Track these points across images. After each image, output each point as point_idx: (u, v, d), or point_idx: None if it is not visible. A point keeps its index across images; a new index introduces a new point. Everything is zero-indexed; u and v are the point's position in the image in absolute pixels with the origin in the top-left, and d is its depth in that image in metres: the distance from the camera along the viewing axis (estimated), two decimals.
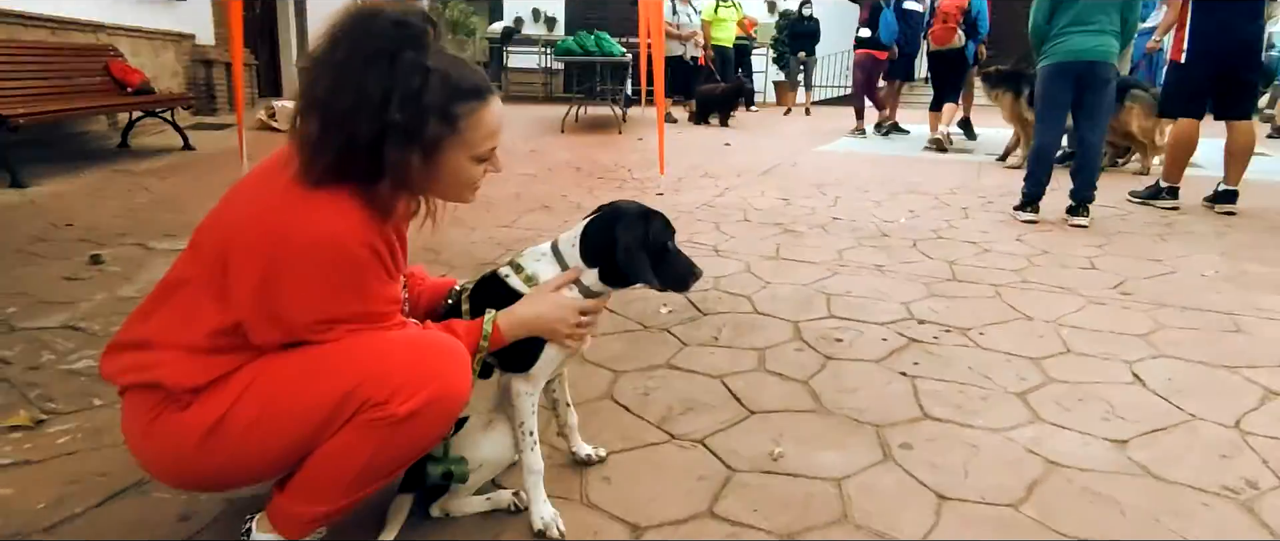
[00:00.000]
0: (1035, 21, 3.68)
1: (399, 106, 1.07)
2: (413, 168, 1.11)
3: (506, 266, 1.33)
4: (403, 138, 1.09)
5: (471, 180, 1.23)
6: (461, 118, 1.13)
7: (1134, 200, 4.27)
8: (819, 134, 8.30)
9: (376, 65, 1.07)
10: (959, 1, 6.36)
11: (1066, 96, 3.62)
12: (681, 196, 4.43)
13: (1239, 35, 3.78)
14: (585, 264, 1.29)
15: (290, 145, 1.15)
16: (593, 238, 1.29)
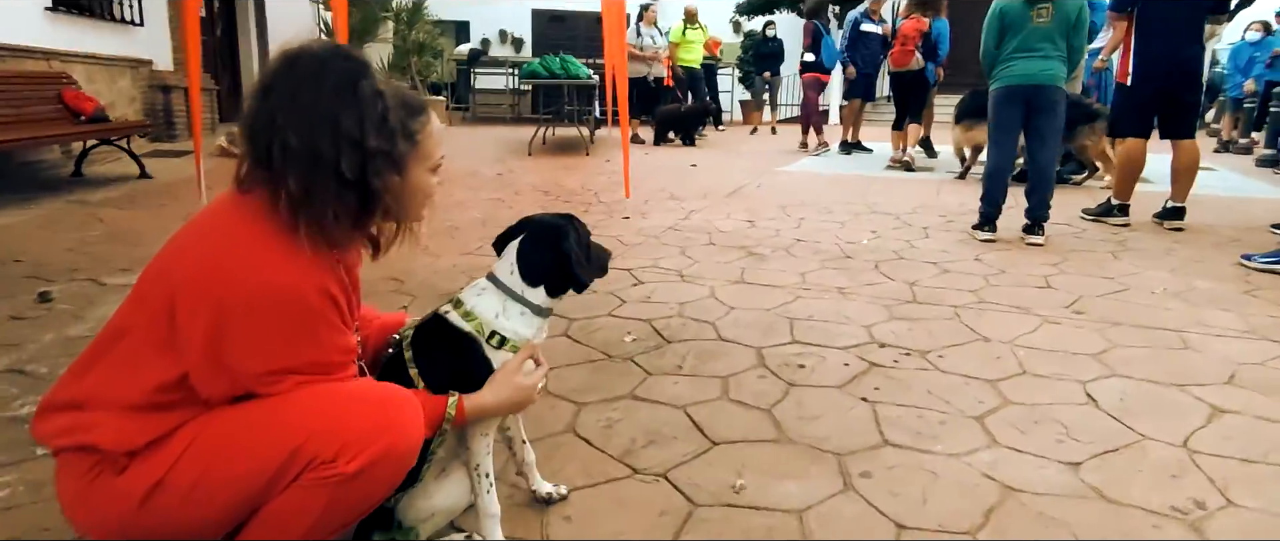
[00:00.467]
0: (985, 47, 3.79)
1: (375, 134, 1.08)
2: (395, 190, 1.13)
3: (447, 304, 1.33)
4: (384, 163, 1.10)
5: (430, 193, 1.26)
6: (418, 131, 1.17)
7: (1087, 217, 4.39)
8: (784, 153, 8.41)
9: (344, 99, 1.08)
10: (918, 25, 6.51)
11: (1016, 119, 3.72)
12: (648, 219, 4.45)
13: (1180, 59, 3.92)
14: (529, 285, 1.30)
15: (237, 195, 1.14)
16: (532, 259, 1.31)
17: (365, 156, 1.09)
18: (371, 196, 1.12)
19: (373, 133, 1.09)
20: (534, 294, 1.31)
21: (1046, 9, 3.58)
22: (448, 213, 4.66)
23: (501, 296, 1.30)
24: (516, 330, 1.30)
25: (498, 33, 18.29)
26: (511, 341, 1.30)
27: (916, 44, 6.49)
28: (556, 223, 1.33)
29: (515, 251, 1.32)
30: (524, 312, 1.31)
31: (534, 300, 1.31)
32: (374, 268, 3.56)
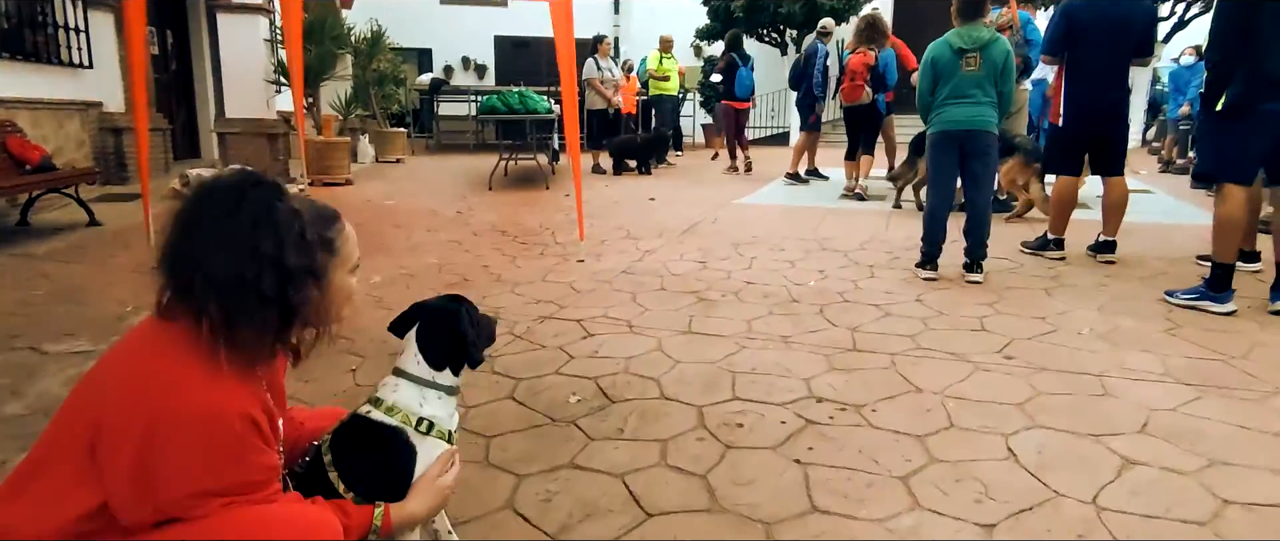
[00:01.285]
0: (920, 92, 3.94)
1: (294, 253, 1.14)
2: (315, 301, 1.19)
3: (367, 404, 1.38)
4: (304, 278, 1.16)
5: (351, 293, 1.33)
6: (335, 238, 1.27)
7: (1026, 250, 4.55)
8: (742, 181, 8.55)
9: (262, 225, 1.14)
10: (865, 58, 6.66)
11: (952, 163, 3.86)
12: (602, 262, 4.51)
13: (1106, 102, 4.11)
14: (435, 370, 1.40)
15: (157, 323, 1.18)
16: (433, 345, 1.41)
17: (286, 275, 1.14)
18: (292, 311, 1.17)
19: (292, 251, 1.15)
20: (442, 377, 1.41)
21: (975, 57, 3.74)
22: (404, 258, 4.67)
23: (417, 386, 1.37)
24: (438, 414, 1.38)
25: (460, 60, 18.34)
26: (438, 426, 1.37)
27: (865, 78, 6.63)
28: (449, 307, 1.42)
29: (415, 341, 1.38)
30: (440, 396, 1.40)
31: (444, 382, 1.41)
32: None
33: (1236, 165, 3.25)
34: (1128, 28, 4.03)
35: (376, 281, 4.13)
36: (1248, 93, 3.09)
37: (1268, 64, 3.00)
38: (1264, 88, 3.06)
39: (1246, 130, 3.17)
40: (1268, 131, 3.15)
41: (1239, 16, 3.06)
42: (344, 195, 7.33)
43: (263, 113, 7.49)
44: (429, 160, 11.89)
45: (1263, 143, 3.18)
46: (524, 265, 4.49)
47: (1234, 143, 3.22)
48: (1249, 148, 3.20)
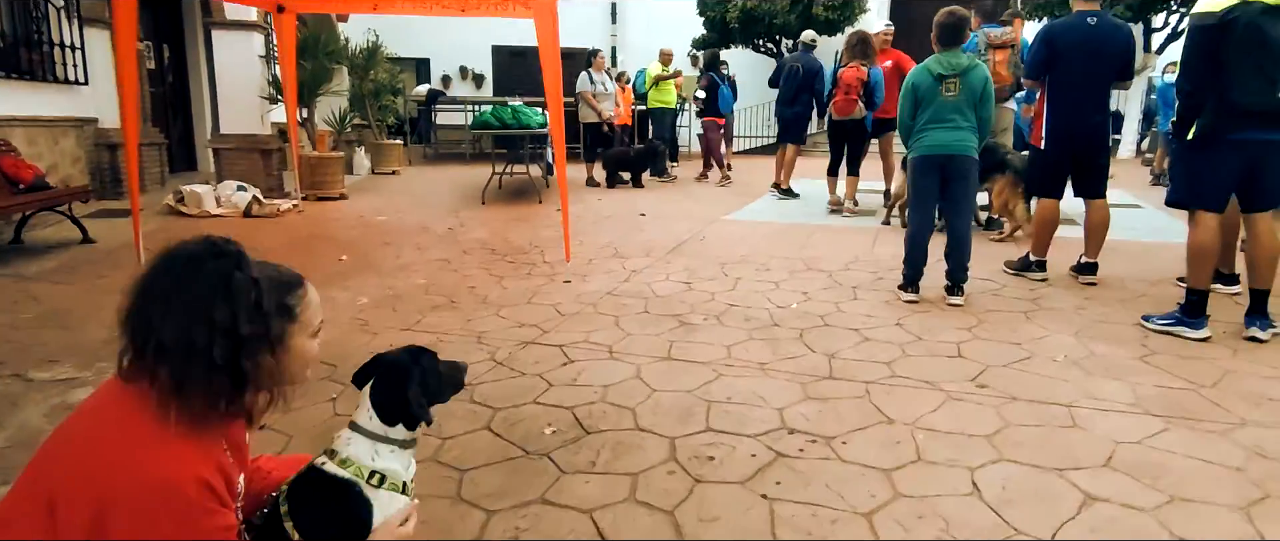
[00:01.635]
0: (900, 118, 3.98)
1: (248, 321, 1.18)
2: (268, 368, 1.23)
3: (322, 455, 1.42)
4: (257, 345, 1.20)
5: (311, 357, 1.36)
6: (296, 305, 1.30)
7: (1009, 271, 4.59)
8: (733, 195, 8.59)
9: (217, 294, 1.18)
10: (859, 73, 6.60)
11: (933, 186, 3.90)
12: (588, 283, 4.54)
13: (1087, 126, 4.15)
14: (388, 426, 1.42)
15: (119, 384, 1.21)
16: (385, 402, 1.43)
17: (238, 342, 1.18)
18: (244, 378, 1.21)
19: (245, 320, 1.19)
20: (396, 431, 1.43)
21: (954, 83, 3.78)
22: (393, 278, 4.71)
23: (370, 440, 1.40)
24: (391, 467, 1.41)
25: (458, 69, 18.40)
26: (391, 479, 1.40)
27: (859, 93, 6.63)
28: (403, 363, 1.44)
29: (368, 398, 1.41)
30: (393, 450, 1.42)
31: (397, 437, 1.43)
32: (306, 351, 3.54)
33: (1207, 193, 3.29)
34: (1107, 51, 4.07)
35: (363, 303, 4.16)
36: (1217, 122, 3.12)
37: (1235, 94, 3.03)
38: (1232, 118, 3.10)
39: (1217, 159, 3.20)
40: (1238, 159, 3.18)
41: (1207, 47, 3.10)
42: (336, 210, 7.38)
43: (257, 128, 7.54)
44: (425, 171, 11.93)
45: (1233, 170, 3.22)
46: (510, 286, 4.53)
47: (1205, 171, 3.26)
48: (1219, 176, 3.24)
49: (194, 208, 6.78)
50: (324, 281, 4.64)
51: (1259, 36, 2.96)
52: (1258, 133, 3.12)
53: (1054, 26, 4.23)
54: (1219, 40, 3.05)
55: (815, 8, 14.21)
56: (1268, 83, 2.98)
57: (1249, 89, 3.01)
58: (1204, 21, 3.10)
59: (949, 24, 3.82)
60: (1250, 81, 3.00)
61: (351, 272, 4.87)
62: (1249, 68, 3.00)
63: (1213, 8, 3.08)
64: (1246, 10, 2.99)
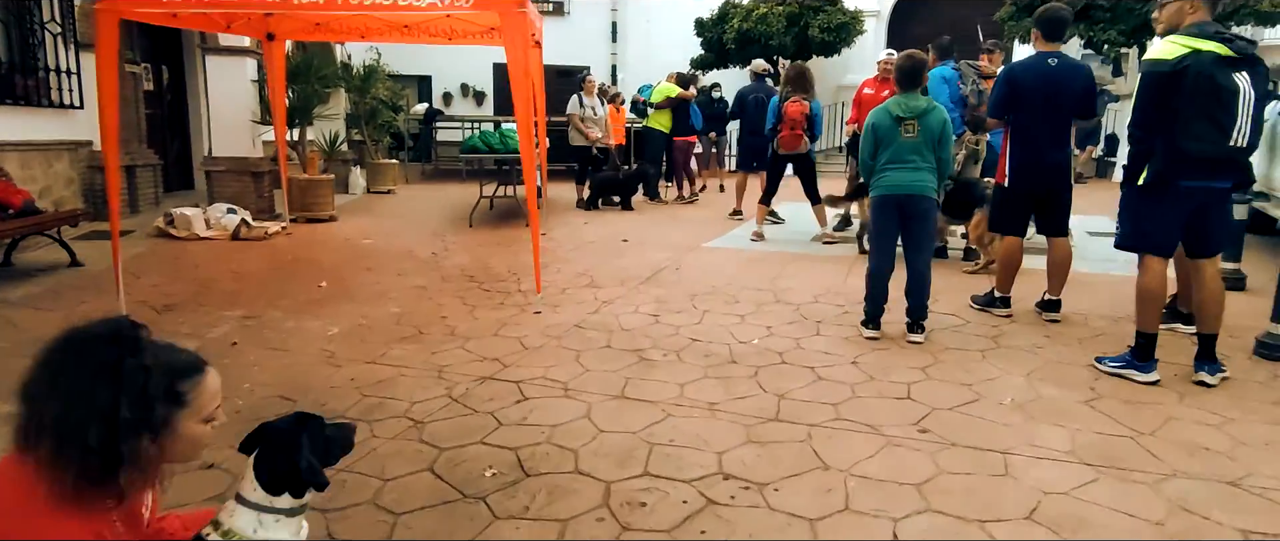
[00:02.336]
0: (861, 157, 4.05)
1: (129, 407, 1.24)
2: (146, 452, 1.28)
3: (208, 526, 1.46)
4: (135, 430, 1.26)
5: (202, 441, 1.41)
6: (188, 392, 1.35)
7: (974, 306, 4.62)
8: (719, 221, 8.64)
9: (102, 380, 1.25)
10: (801, 108, 6.65)
11: (893, 225, 3.96)
12: (557, 314, 4.61)
13: (1048, 164, 4.20)
14: (273, 495, 1.46)
15: (15, 456, 1.28)
16: (269, 472, 1.46)
17: (116, 427, 1.24)
18: (119, 460, 1.26)
19: (127, 406, 1.25)
20: (281, 501, 1.46)
21: (912, 124, 3.84)
22: (368, 306, 4.79)
23: (253, 511, 1.44)
24: (275, 537, 1.45)
25: (460, 87, 18.59)
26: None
27: (804, 127, 6.65)
28: (287, 431, 1.48)
29: (252, 469, 1.46)
30: (279, 519, 1.46)
31: (283, 506, 1.46)
32: (268, 382, 3.67)
33: (1155, 238, 3.33)
34: (1066, 91, 4.13)
35: (333, 334, 4.24)
36: (1167, 169, 3.17)
37: (1186, 142, 3.08)
38: (1182, 165, 3.14)
39: (1166, 204, 3.25)
40: (1186, 206, 3.23)
41: (1160, 94, 3.15)
42: (325, 233, 7.48)
43: (248, 151, 7.66)
44: (421, 190, 12.05)
45: (1181, 216, 3.26)
46: (482, 316, 4.60)
47: (1153, 216, 3.30)
48: (1167, 221, 3.28)
49: (183, 230, 6.89)
50: (299, 309, 4.73)
51: (1210, 86, 3.00)
52: (1206, 181, 3.16)
53: (1015, 67, 4.30)
54: (1172, 88, 3.10)
55: (811, 30, 14.33)
56: (1218, 131, 3.03)
57: (1200, 137, 3.05)
58: (1157, 68, 3.15)
59: (907, 68, 3.89)
60: (1201, 130, 3.04)
61: (328, 300, 4.95)
62: (1200, 116, 3.04)
63: (1166, 55, 3.13)
64: (1199, 60, 3.03)
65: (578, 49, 18.14)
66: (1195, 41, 3.08)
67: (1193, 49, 3.09)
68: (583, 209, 9.49)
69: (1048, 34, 4.28)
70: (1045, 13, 4.31)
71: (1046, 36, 4.28)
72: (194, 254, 6.39)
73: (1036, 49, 4.29)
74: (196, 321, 4.48)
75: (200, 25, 5.80)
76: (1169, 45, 3.15)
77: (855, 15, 14.75)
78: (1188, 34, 3.13)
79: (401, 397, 3.31)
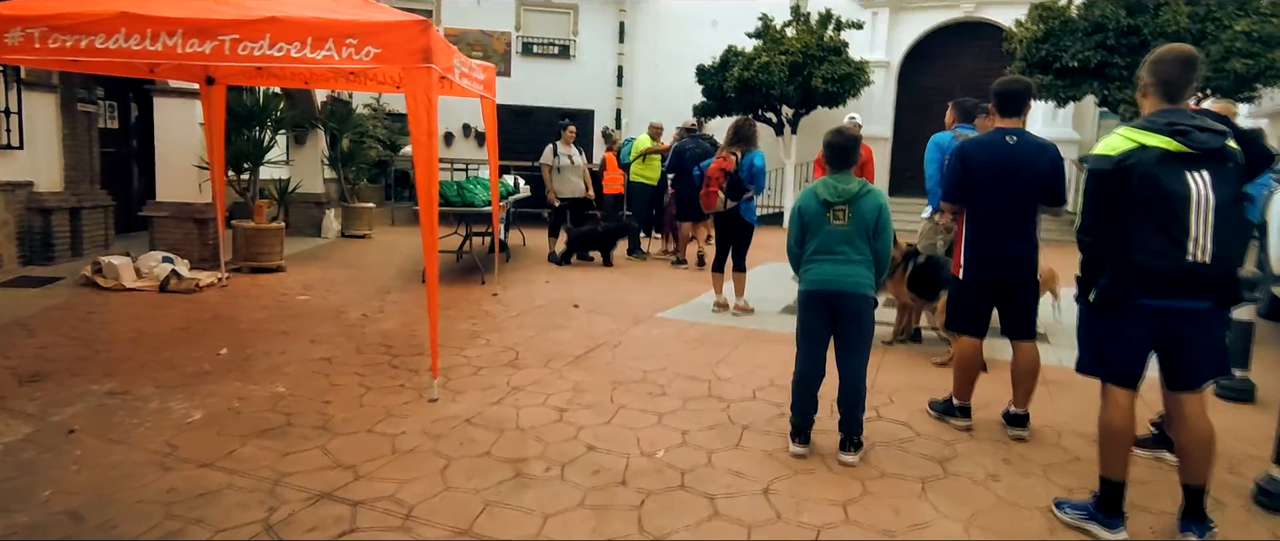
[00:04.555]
0: (788, 244, 3.50)
1: None
2: None
3: None
4: None
5: None
6: None
7: (931, 413, 4.01)
8: (689, 281, 8.10)
9: None
10: (722, 163, 6.18)
11: (821, 325, 3.38)
12: (454, 404, 4.07)
13: (1010, 252, 3.62)
14: None
15: None
16: None
17: None
18: None
19: None
20: None
21: (842, 211, 3.29)
22: (253, 383, 4.31)
23: None
24: None
25: (461, 127, 18.41)
26: None
27: (720, 185, 6.13)
28: None
29: None
30: None
31: None
32: (74, 490, 3.11)
33: (1117, 365, 2.72)
34: (1027, 173, 3.57)
35: (190, 421, 3.74)
36: (1117, 286, 2.59)
37: (1135, 255, 2.50)
38: (1134, 281, 2.56)
39: (1121, 325, 2.65)
40: (1146, 328, 2.63)
41: (1104, 197, 2.58)
42: (263, 286, 7.05)
43: (194, 197, 7.32)
44: (400, 235, 11.69)
45: (1142, 340, 2.66)
46: (370, 402, 4.08)
47: (1110, 338, 2.70)
48: (1127, 345, 2.68)
49: (110, 280, 6.52)
50: (177, 384, 4.26)
51: (1157, 189, 2.44)
52: (1166, 300, 2.57)
53: (969, 145, 3.75)
54: (1115, 190, 2.54)
55: (814, 80, 13.90)
56: (1171, 243, 2.45)
57: (1150, 250, 2.48)
58: (1098, 166, 2.59)
59: (836, 144, 3.36)
60: (1151, 241, 2.47)
61: (214, 374, 4.48)
62: (1149, 225, 2.48)
63: (1108, 151, 2.58)
64: (1142, 157, 2.48)
65: (583, 93, 17.94)
66: (1141, 135, 2.53)
67: (1137, 144, 2.53)
68: (553, 263, 9.00)
69: (1004, 108, 3.72)
70: (1001, 85, 3.76)
71: (1002, 111, 3.73)
72: (110, 309, 5.99)
73: (993, 124, 3.75)
74: (53, 397, 4.03)
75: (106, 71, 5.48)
76: (1115, 138, 2.60)
77: (861, 66, 14.30)
78: (1137, 126, 2.57)
79: (210, 521, 2.79)
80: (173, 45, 4.00)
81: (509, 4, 17.99)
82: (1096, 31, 11.46)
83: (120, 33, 3.99)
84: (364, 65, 4.02)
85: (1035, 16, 12.21)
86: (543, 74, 18.06)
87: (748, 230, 6.39)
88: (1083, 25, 11.61)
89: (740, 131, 6.32)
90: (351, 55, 3.98)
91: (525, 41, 18.16)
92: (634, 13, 18.15)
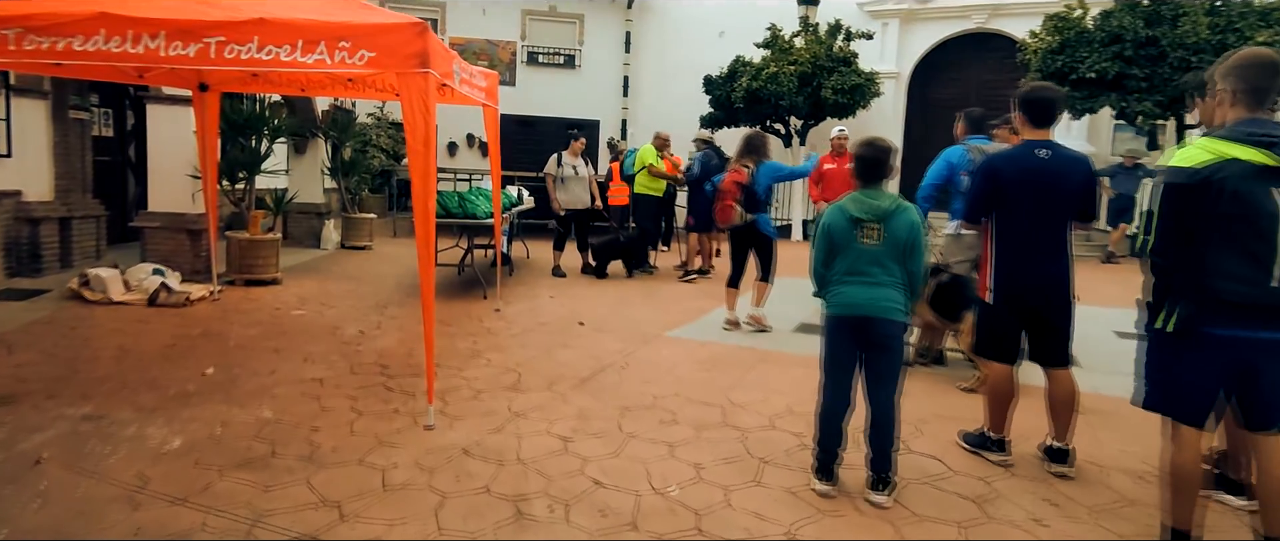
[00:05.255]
0: (813, 265, 3.22)
1: None
2: None
3: None
4: None
5: None
6: None
7: (964, 446, 3.72)
8: (699, 297, 7.83)
9: None
10: (736, 176, 6.03)
11: (849, 353, 3.11)
12: (452, 431, 3.81)
13: (1042, 274, 3.34)
14: None
15: None
16: None
17: None
18: None
19: None
20: None
21: (874, 229, 3.03)
22: (239, 407, 4.05)
23: None
24: None
25: (465, 137, 18.21)
26: None
27: (735, 198, 5.96)
28: None
29: None
30: None
31: None
32: (33, 529, 2.80)
33: (1186, 401, 2.45)
34: (1062, 189, 3.31)
35: (169, 450, 3.49)
36: (1194, 313, 2.32)
37: (1215, 281, 2.24)
38: (1211, 310, 2.29)
39: (1196, 357, 2.38)
40: (1223, 360, 2.36)
41: (1180, 213, 2.32)
42: (256, 300, 6.80)
43: (187, 207, 7.09)
44: (402, 246, 11.43)
45: (1218, 373, 2.39)
46: (362, 429, 3.82)
47: (1182, 371, 2.43)
48: (1201, 379, 2.41)
49: (98, 293, 6.28)
50: (157, 407, 4.01)
51: (1243, 207, 2.18)
52: (1249, 330, 2.30)
53: (997, 160, 3.48)
54: (1195, 206, 2.27)
55: (824, 91, 13.67)
56: (1256, 267, 2.18)
57: (1231, 275, 2.22)
58: (1175, 179, 2.33)
59: (868, 157, 3.09)
60: (1232, 264, 2.21)
61: (198, 396, 4.22)
62: (1230, 246, 2.21)
63: (1186, 162, 2.32)
64: (1229, 171, 2.21)
65: (589, 103, 17.75)
66: (1226, 146, 2.26)
67: (1221, 156, 2.27)
68: (557, 276, 8.74)
69: (1036, 119, 3.45)
70: (1031, 93, 3.51)
71: (1034, 122, 3.46)
72: (95, 324, 5.75)
73: (1022, 137, 3.48)
74: (24, 421, 3.77)
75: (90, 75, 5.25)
76: (1193, 149, 2.34)
77: (871, 76, 14.07)
78: (1219, 136, 2.31)
79: None
80: (155, 48, 3.77)
81: (515, 13, 17.84)
82: (1114, 42, 11.21)
83: (100, 35, 3.76)
84: (358, 70, 3.78)
85: (1050, 27, 11.97)
86: (548, 84, 17.88)
87: (768, 243, 6.22)
88: (1099, 36, 11.36)
89: (751, 143, 6.18)
90: (345, 59, 3.74)
91: (530, 51, 17.99)
92: (640, 23, 17.97)
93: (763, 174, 6.04)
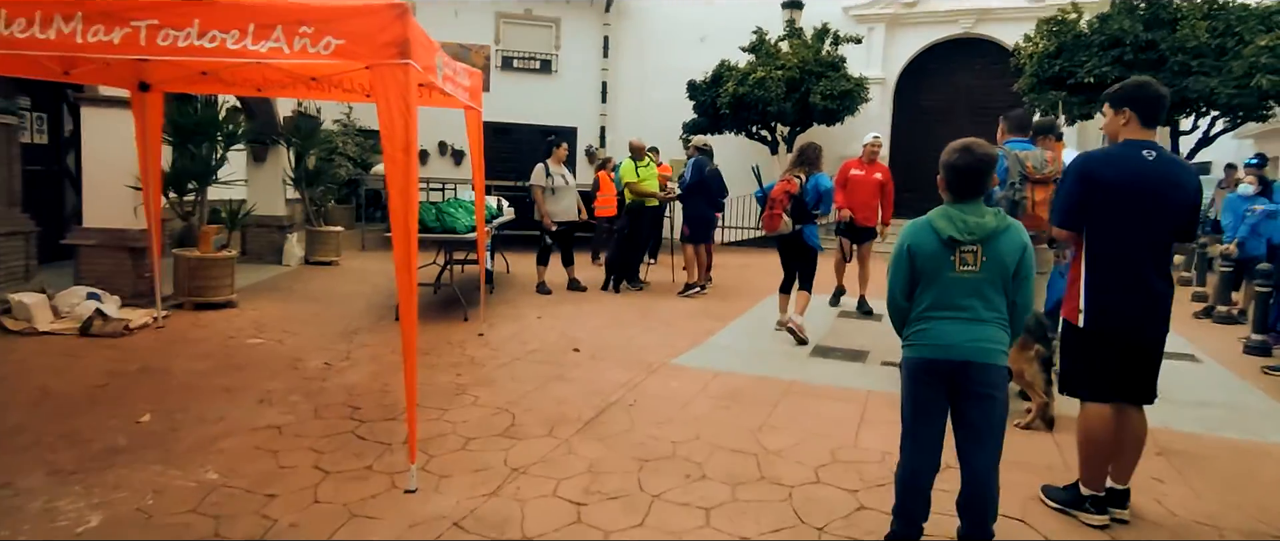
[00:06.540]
0: (891, 294, 2.64)
1: None
2: None
3: None
4: None
5: None
6: None
7: (1050, 503, 3.16)
8: (700, 316, 7.24)
9: None
10: (787, 186, 5.98)
11: (937, 403, 2.53)
12: (437, 497, 3.15)
13: (1151, 293, 2.82)
14: None
15: None
16: None
17: None
18: None
19: None
20: None
21: (973, 253, 2.45)
22: (176, 465, 3.36)
23: None
24: None
25: (437, 145, 17.43)
26: None
27: (784, 207, 5.94)
28: None
29: None
30: None
31: None
32: None
33: None
34: (1171, 200, 2.81)
35: (88, 528, 2.78)
36: None
37: None
38: None
39: None
40: None
41: None
42: (206, 326, 6.04)
43: (128, 222, 6.30)
44: (371, 260, 10.68)
45: None
46: (328, 495, 3.14)
47: None
48: None
49: (21, 322, 5.48)
50: (76, 468, 3.30)
51: None
52: None
53: (1094, 159, 2.95)
54: None
55: (812, 96, 13.22)
56: None
57: None
58: None
59: (967, 167, 2.49)
60: None
61: (128, 452, 3.50)
62: None
63: None
64: None
65: (566, 109, 17.10)
66: None
67: None
68: (542, 294, 8.09)
69: (1145, 117, 2.94)
70: (1141, 89, 2.98)
71: (1143, 120, 2.94)
72: (14, 360, 4.96)
73: (1121, 137, 2.95)
74: None
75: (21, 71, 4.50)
76: None
77: (859, 82, 13.67)
78: None
79: None
80: (70, 33, 3.08)
81: (489, 16, 17.15)
82: (1113, 46, 10.93)
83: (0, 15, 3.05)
84: (322, 60, 3.12)
85: (1045, 31, 11.67)
86: (524, 89, 17.19)
87: (811, 254, 6.19)
88: (1097, 40, 11.07)
89: (805, 154, 6.17)
90: (306, 47, 3.09)
91: (505, 56, 17.32)
92: (619, 26, 17.40)
93: (813, 186, 5.96)
